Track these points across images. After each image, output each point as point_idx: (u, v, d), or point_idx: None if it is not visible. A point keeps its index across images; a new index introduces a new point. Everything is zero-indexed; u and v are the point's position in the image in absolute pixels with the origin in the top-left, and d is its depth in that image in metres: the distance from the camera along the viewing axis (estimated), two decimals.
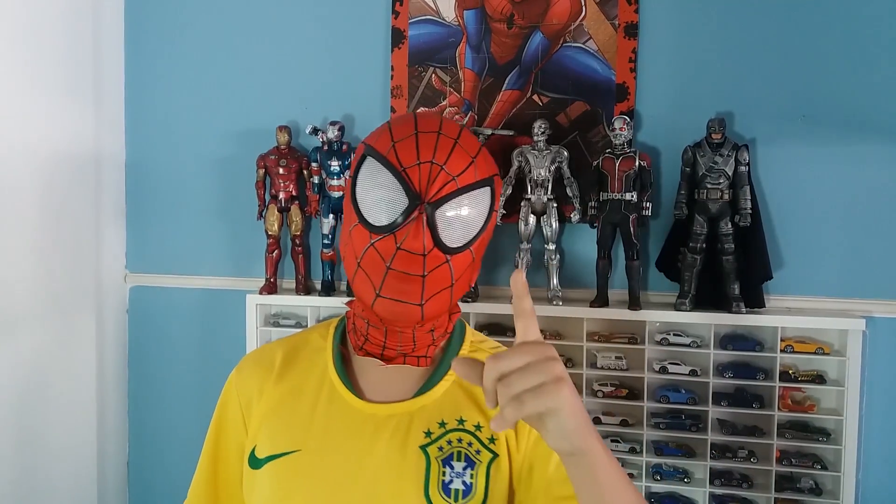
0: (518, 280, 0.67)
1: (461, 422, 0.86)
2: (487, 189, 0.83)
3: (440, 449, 0.84)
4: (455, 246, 0.80)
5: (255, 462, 0.89)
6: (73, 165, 2.34)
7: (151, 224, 2.55)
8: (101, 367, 2.47)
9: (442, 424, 0.86)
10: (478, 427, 0.86)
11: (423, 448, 0.84)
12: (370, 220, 0.80)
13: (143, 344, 2.59)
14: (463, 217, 0.81)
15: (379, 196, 0.80)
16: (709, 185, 1.96)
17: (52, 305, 2.27)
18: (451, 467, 0.83)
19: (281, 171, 2.28)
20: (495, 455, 0.85)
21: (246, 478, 0.91)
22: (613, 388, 2.07)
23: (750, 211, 1.94)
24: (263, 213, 2.31)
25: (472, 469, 0.84)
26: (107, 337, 2.50)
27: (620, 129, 2.01)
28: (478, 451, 0.85)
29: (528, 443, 0.86)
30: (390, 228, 0.79)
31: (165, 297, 2.54)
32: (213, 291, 2.48)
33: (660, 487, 2.05)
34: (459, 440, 0.85)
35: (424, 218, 0.78)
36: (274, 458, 0.87)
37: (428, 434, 0.85)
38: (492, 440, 0.85)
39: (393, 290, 0.80)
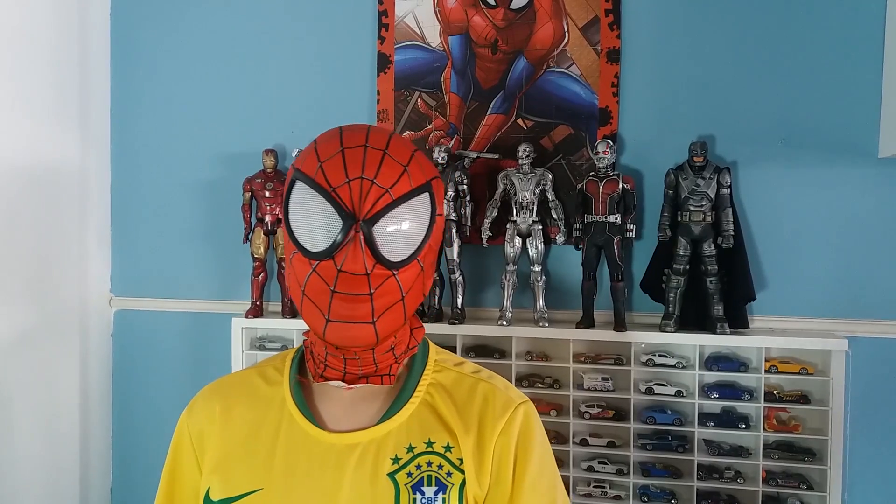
0: None
1: (430, 444, 0.83)
2: (425, 195, 0.81)
3: (409, 475, 0.81)
4: (399, 259, 0.78)
5: None
6: (59, 188, 2.33)
7: (137, 247, 2.54)
8: (84, 391, 2.44)
9: (410, 449, 0.83)
10: (447, 448, 0.84)
11: (392, 476, 0.81)
12: (307, 248, 0.78)
13: (127, 368, 2.56)
14: (403, 229, 0.79)
15: (313, 222, 0.78)
16: (691, 208, 1.99)
17: (36, 329, 2.25)
18: (422, 493, 0.81)
19: (267, 194, 2.29)
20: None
21: None
22: (600, 410, 2.07)
23: (732, 233, 1.96)
24: (249, 237, 2.31)
25: (444, 493, 0.81)
26: (91, 361, 2.48)
27: (604, 152, 2.04)
28: (449, 474, 0.82)
29: (490, 481, 0.83)
30: (329, 253, 0.76)
31: (150, 321, 2.53)
32: (199, 315, 2.47)
33: None
34: (429, 464, 0.82)
35: (361, 237, 0.76)
36: (233, 500, 0.82)
37: (396, 460, 0.82)
38: (462, 461, 0.83)
39: (341, 312, 0.78)
